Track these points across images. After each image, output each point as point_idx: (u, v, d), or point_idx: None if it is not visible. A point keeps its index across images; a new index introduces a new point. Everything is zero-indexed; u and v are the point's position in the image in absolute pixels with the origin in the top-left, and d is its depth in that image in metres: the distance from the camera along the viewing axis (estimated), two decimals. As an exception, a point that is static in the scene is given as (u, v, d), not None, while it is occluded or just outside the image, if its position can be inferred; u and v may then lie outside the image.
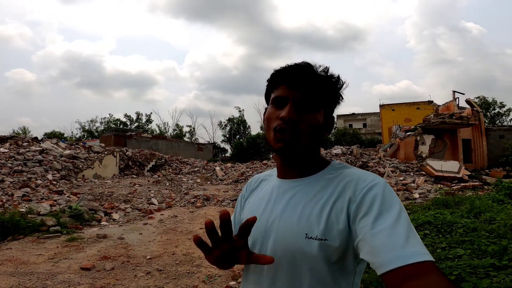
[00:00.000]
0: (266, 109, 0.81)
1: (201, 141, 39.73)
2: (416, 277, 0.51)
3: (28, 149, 11.10)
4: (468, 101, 16.66)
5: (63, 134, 35.66)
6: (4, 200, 6.73)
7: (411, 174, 11.80)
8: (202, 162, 18.53)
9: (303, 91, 0.72)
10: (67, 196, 7.88)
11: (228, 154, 38.58)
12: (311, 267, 0.66)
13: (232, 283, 3.59)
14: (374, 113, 34.66)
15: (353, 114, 38.87)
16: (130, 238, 5.17)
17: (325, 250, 0.65)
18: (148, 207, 7.92)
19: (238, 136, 39.46)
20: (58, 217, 5.52)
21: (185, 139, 40.16)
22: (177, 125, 43.82)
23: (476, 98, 33.29)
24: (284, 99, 0.73)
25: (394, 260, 0.54)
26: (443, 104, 16.96)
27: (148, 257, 4.26)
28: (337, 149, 13.69)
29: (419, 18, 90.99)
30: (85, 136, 37.41)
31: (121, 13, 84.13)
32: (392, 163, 12.67)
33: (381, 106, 26.66)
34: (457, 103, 16.78)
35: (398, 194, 7.87)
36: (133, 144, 28.24)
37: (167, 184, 12.08)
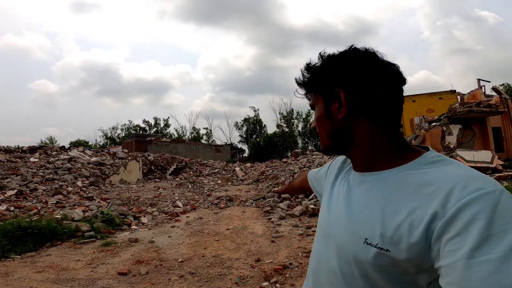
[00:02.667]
0: None
1: (218, 142, 40.19)
2: None
3: (57, 158, 11.59)
4: (495, 89, 15.80)
5: (88, 142, 37.03)
6: (39, 208, 7.04)
7: (439, 166, 11.33)
8: (222, 164, 18.68)
9: (308, 98, 0.74)
10: (97, 202, 8.15)
11: (246, 154, 38.70)
12: (364, 274, 0.60)
13: (265, 284, 3.56)
14: (394, 105, 33.47)
15: (372, 107, 37.71)
16: (160, 241, 5.25)
17: (384, 261, 0.56)
18: (173, 209, 8.04)
19: (254, 136, 39.53)
20: (92, 223, 5.70)
21: (203, 141, 40.72)
22: (194, 128, 44.59)
23: (501, 85, 31.59)
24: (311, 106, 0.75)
25: None
26: (468, 93, 16.20)
27: (179, 260, 4.31)
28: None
29: (431, 9, 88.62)
30: (108, 143, 38.68)
31: (132, 20, 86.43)
32: (418, 156, 12.24)
33: (401, 97, 25.62)
34: (483, 91, 15.97)
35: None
36: (153, 149, 28.96)
37: (190, 186, 12.25)
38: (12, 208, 6.67)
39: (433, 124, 14.62)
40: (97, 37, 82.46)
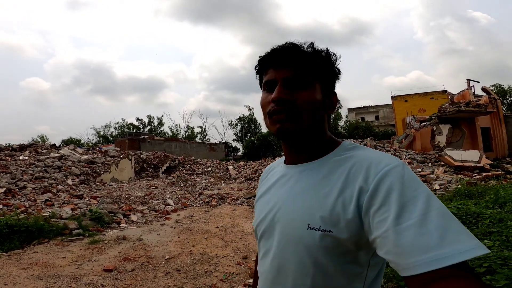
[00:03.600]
0: None
1: (212, 141, 40.07)
2: (445, 280, 0.45)
3: (47, 156, 11.47)
4: (484, 89, 16.05)
5: (80, 140, 36.66)
6: (27, 206, 6.98)
7: (429, 165, 11.50)
8: (215, 162, 18.66)
9: (290, 69, 0.67)
10: (87, 200, 8.09)
11: (240, 153, 38.70)
12: (314, 260, 0.61)
13: (250, 280, 3.59)
14: (387, 105, 34.03)
15: (365, 107, 38.26)
16: (149, 239, 5.26)
17: (329, 242, 0.59)
18: (164, 208, 8.03)
19: (249, 135, 39.53)
20: (80, 220, 5.67)
21: (197, 140, 40.54)
22: (188, 126, 44.36)
23: (492, 86, 32.09)
24: (273, 82, 0.69)
25: (426, 263, 0.46)
26: (458, 93, 16.44)
27: (166, 257, 4.32)
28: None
29: (424, 10, 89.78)
30: (101, 142, 38.32)
31: (127, 19, 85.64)
32: (409, 154, 12.39)
33: (393, 97, 26.08)
34: (473, 91, 16.21)
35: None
36: (147, 147, 28.75)
37: (182, 185, 12.22)
38: (0, 206, 6.59)
39: (424, 123, 14.80)
40: (91, 36, 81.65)
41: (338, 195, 0.60)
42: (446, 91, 24.32)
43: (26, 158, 11.48)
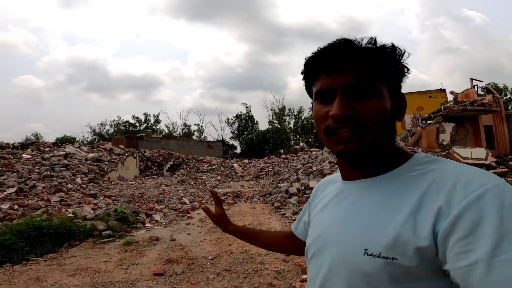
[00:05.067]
0: (312, 104, 0.65)
1: (210, 139, 39.72)
2: None
3: (52, 154, 11.10)
4: (487, 88, 16.36)
5: (75, 138, 35.85)
6: (43, 206, 6.71)
7: (438, 163, 11.69)
8: (219, 160, 18.51)
9: (351, 74, 0.55)
10: (102, 199, 7.86)
11: (237, 151, 38.53)
12: None
13: (304, 276, 3.52)
14: (383, 103, 34.27)
15: (361, 105, 38.43)
16: (181, 239, 5.12)
17: (393, 270, 0.50)
18: (182, 207, 7.88)
19: (246, 132, 39.35)
20: (106, 221, 5.47)
21: (194, 137, 40.15)
22: (185, 124, 43.89)
23: (487, 85, 32.90)
24: (329, 91, 0.57)
25: None
26: (461, 92, 16.72)
27: (209, 258, 4.21)
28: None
29: (420, 9, 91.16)
30: (96, 139, 37.52)
31: (121, 16, 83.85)
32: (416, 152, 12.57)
33: (392, 95, 26.20)
34: (476, 90, 16.53)
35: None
36: (144, 145, 28.26)
37: (192, 183, 12.06)
38: (15, 207, 6.31)
39: (428, 122, 14.99)
40: (85, 33, 79.56)
41: (408, 217, 0.50)
42: (445, 89, 24.75)
43: (30, 156, 11.08)
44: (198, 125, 43.95)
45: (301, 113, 34.73)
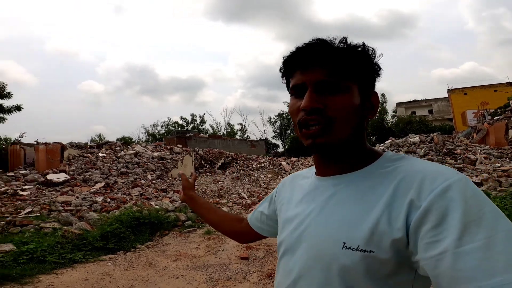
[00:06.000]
0: None
1: (252, 138, 40.57)
2: None
3: (124, 153, 12.48)
4: None
5: (132, 138, 39.10)
6: (128, 199, 7.72)
7: (507, 160, 10.75)
8: (268, 158, 19.02)
9: (321, 71, 0.58)
10: (173, 193, 8.73)
11: (279, 150, 38.81)
12: (347, 285, 0.54)
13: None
14: (441, 98, 32.01)
15: (415, 100, 36.25)
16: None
17: (370, 264, 0.52)
18: (242, 201, 8.43)
19: (288, 131, 39.42)
20: (185, 212, 6.18)
21: (237, 137, 41.29)
22: (228, 123, 45.26)
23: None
24: (302, 86, 0.60)
25: None
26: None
27: (284, 249, 4.60)
28: (414, 138, 12.95)
29: (471, 1, 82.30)
30: (150, 140, 40.54)
31: (165, 21, 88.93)
32: (483, 150, 11.66)
33: (450, 90, 24.46)
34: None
35: (500, 182, 7.22)
36: (192, 144, 29.83)
37: (246, 180, 12.67)
38: (108, 200, 7.37)
39: (496, 117, 13.76)
40: (135, 39, 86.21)
41: (383, 211, 0.52)
42: (511, 83, 22.34)
43: (105, 155, 12.58)
44: (241, 124, 45.12)
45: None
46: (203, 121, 45.14)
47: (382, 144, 12.90)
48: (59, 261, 3.97)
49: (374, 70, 0.63)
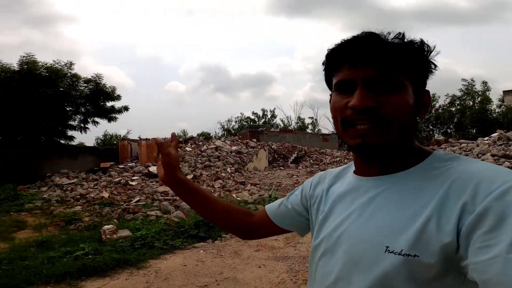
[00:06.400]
0: (330, 96, 0.65)
1: (324, 131, 39.42)
2: None
3: (206, 147, 13.75)
4: None
5: (209, 133, 42.62)
6: (212, 191, 8.55)
7: None
8: (343, 153, 18.38)
9: (374, 68, 0.54)
10: (250, 186, 9.28)
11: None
12: None
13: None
14: None
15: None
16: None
17: (413, 268, 0.50)
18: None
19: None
20: (263, 205, 6.53)
21: (308, 130, 40.71)
22: (299, 117, 44.99)
23: None
24: (350, 83, 0.57)
25: None
26: None
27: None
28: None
29: None
30: (225, 135, 43.48)
31: (228, 21, 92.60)
32: None
33: None
34: None
35: None
36: (264, 138, 30.66)
37: (320, 175, 12.54)
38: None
39: None
40: (206, 39, 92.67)
41: (432, 214, 0.50)
42: None
43: (190, 149, 14.08)
44: (312, 118, 44.29)
45: (435, 101, 29.86)
46: (273, 116, 45.93)
47: (486, 138, 11.00)
48: (164, 247, 4.51)
49: (429, 68, 0.61)
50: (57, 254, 4.01)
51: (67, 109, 12.46)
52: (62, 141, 13.19)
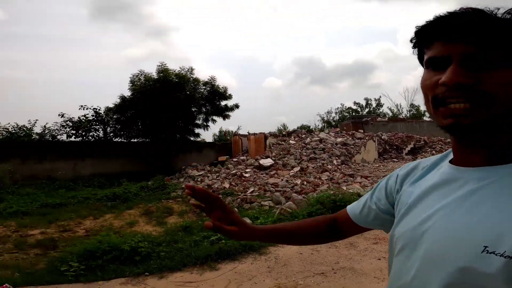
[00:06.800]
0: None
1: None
2: None
3: (310, 140, 13.77)
4: None
5: (309, 126, 42.45)
6: (320, 183, 8.52)
7: None
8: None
9: (473, 44, 0.48)
10: (360, 179, 8.80)
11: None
12: None
13: None
14: None
15: None
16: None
17: None
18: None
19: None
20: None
21: (425, 118, 35.24)
22: (412, 105, 39.50)
23: None
24: (444, 59, 0.51)
25: None
26: None
27: None
28: None
29: None
30: (325, 126, 42.41)
31: (317, 11, 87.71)
32: None
33: None
34: None
35: None
36: (370, 129, 28.41)
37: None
38: (304, 183, 8.46)
39: None
40: (296, 32, 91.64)
41: None
42: None
43: (294, 142, 14.38)
44: (429, 104, 38.02)
45: None
46: (379, 104, 41.85)
47: None
48: (280, 236, 4.99)
49: None
50: (198, 238, 4.77)
51: (192, 109, 14.70)
52: (192, 138, 15.66)
